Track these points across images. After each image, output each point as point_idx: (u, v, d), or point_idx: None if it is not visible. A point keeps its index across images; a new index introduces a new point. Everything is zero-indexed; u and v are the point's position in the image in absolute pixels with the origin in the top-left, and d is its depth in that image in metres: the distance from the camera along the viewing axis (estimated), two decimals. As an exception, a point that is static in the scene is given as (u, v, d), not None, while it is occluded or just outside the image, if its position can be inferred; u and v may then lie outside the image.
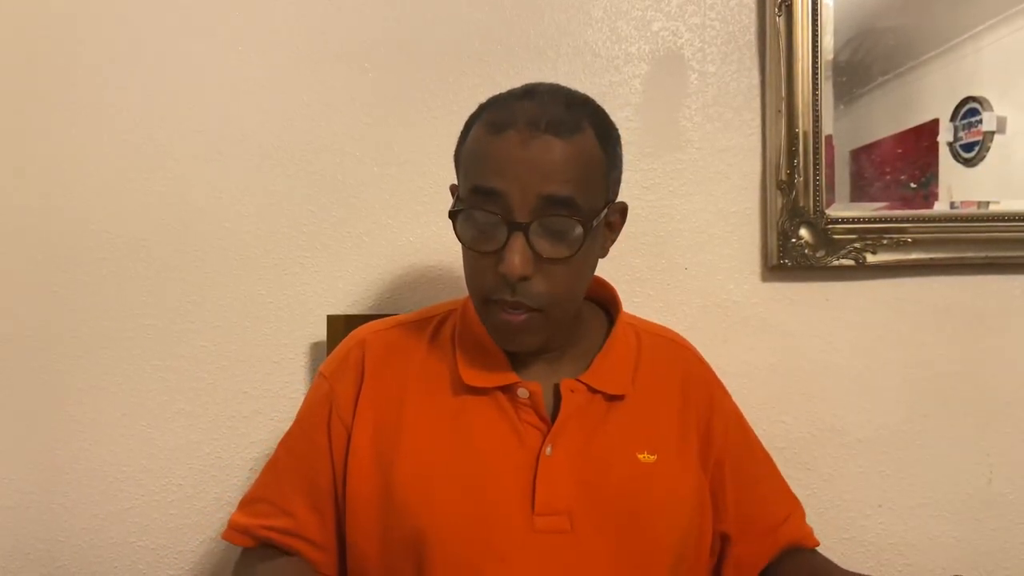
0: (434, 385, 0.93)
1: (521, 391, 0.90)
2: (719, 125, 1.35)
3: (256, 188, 1.29)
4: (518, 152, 0.82)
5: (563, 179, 0.83)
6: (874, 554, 1.37)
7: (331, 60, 1.29)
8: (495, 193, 0.83)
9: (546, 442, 0.89)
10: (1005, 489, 1.39)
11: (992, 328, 1.38)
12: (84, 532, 1.27)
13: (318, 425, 0.94)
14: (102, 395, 1.27)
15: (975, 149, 1.38)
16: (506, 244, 0.82)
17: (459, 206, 0.87)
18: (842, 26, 1.33)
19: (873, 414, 1.37)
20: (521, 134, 0.83)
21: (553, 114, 0.84)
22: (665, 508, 0.91)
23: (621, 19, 1.34)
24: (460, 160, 0.91)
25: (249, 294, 1.29)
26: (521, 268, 0.82)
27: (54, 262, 1.26)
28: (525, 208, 0.82)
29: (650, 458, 0.92)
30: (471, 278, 0.89)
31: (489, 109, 0.89)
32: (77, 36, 1.26)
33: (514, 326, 0.86)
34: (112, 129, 1.27)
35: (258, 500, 0.98)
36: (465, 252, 0.88)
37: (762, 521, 1.00)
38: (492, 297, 0.86)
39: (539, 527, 0.86)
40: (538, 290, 0.84)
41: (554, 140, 0.83)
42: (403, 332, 0.99)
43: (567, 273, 0.86)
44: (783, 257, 1.33)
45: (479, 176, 0.85)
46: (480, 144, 0.86)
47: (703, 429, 0.98)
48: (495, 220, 0.83)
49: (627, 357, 0.97)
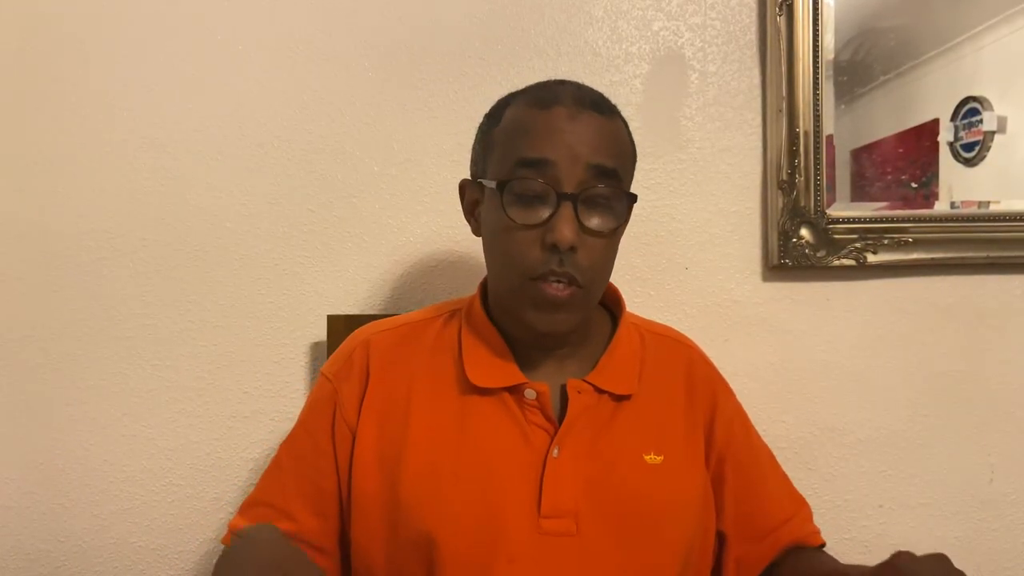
0: (440, 385, 0.93)
1: (528, 392, 0.90)
2: (720, 125, 1.35)
3: (256, 188, 1.29)
4: (567, 124, 0.85)
5: (609, 152, 0.86)
6: (875, 554, 1.36)
7: (331, 59, 1.29)
8: (545, 163, 0.84)
9: (553, 444, 0.88)
10: (1007, 489, 1.38)
11: (993, 328, 1.38)
12: (84, 532, 1.27)
13: (322, 427, 0.94)
14: (102, 395, 1.27)
15: (975, 149, 1.37)
16: (555, 214, 0.83)
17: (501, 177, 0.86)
18: (843, 26, 1.33)
19: (874, 414, 1.37)
20: (568, 109, 0.85)
21: (594, 96, 0.89)
22: (672, 509, 0.90)
23: (622, 19, 1.33)
24: (494, 140, 0.90)
25: (249, 294, 1.29)
26: (571, 236, 0.83)
27: (53, 262, 1.26)
28: (573, 179, 0.84)
29: (657, 459, 0.91)
30: (511, 256, 0.86)
31: (527, 93, 0.91)
32: (75, 36, 1.26)
33: (559, 300, 0.85)
34: (111, 129, 1.26)
35: (258, 504, 0.96)
36: (502, 232, 0.87)
37: (762, 522, 0.99)
38: (537, 272, 0.85)
39: (545, 529, 0.86)
40: (583, 263, 0.85)
41: (599, 116, 0.87)
42: (407, 332, 0.98)
43: (605, 250, 0.87)
44: (784, 257, 1.33)
45: (526, 148, 0.85)
46: (525, 119, 0.87)
47: (707, 427, 0.98)
48: (542, 191, 0.84)
49: (633, 357, 0.97)
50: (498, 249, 0.89)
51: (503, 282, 0.90)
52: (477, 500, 0.86)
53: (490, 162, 0.90)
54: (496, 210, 0.86)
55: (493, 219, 0.88)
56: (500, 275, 0.90)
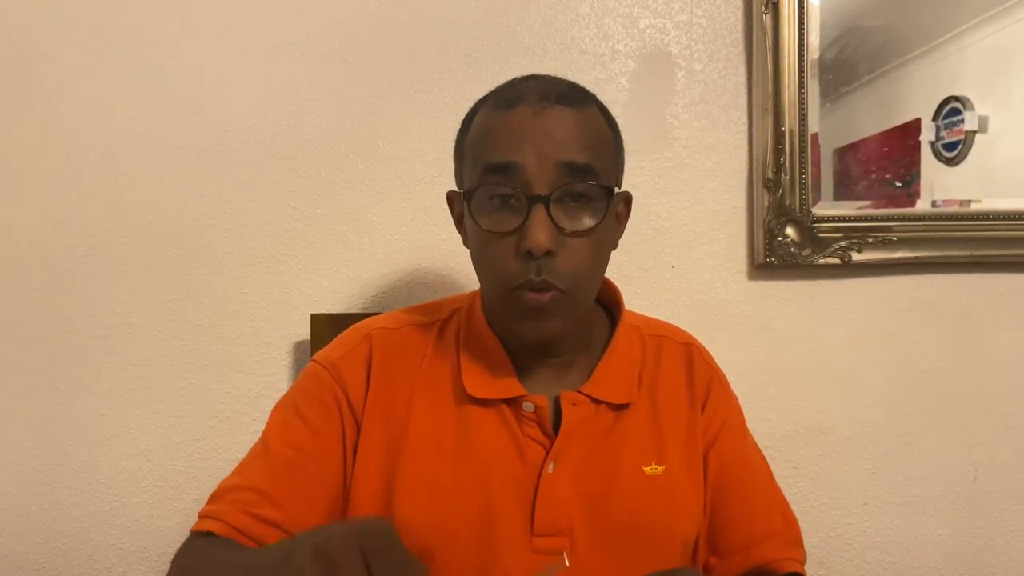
0: (438, 393, 0.89)
1: (526, 405, 0.87)
2: (706, 123, 1.35)
3: (239, 185, 1.27)
4: (532, 123, 0.81)
5: (580, 146, 0.81)
6: (860, 552, 1.37)
7: (316, 56, 1.28)
8: (512, 167, 0.80)
9: (548, 458, 0.86)
10: (990, 487, 1.39)
11: (977, 326, 1.39)
12: (63, 535, 1.25)
13: (323, 417, 0.88)
14: (82, 396, 1.25)
15: (957, 148, 1.38)
16: (527, 219, 0.79)
17: (470, 187, 0.83)
18: (828, 24, 1.34)
19: (859, 412, 1.37)
20: (533, 107, 0.81)
21: (561, 88, 0.84)
22: (670, 523, 0.88)
23: (608, 16, 1.33)
24: (465, 149, 0.87)
25: (231, 292, 1.27)
26: (546, 241, 0.79)
27: (32, 260, 1.24)
28: (544, 180, 0.80)
29: (657, 469, 0.88)
30: (490, 267, 0.83)
31: (493, 95, 0.87)
32: (57, 34, 1.24)
33: (540, 306, 0.81)
34: (91, 126, 1.25)
35: (240, 489, 0.86)
36: (480, 244, 0.84)
37: (737, 535, 0.92)
38: (514, 283, 0.81)
39: (539, 547, 0.84)
40: (562, 268, 0.81)
41: (566, 110, 0.82)
42: (409, 333, 0.94)
43: (588, 251, 0.83)
44: (769, 255, 1.33)
45: (492, 153, 0.81)
46: (489, 123, 0.84)
47: (701, 426, 0.94)
48: (513, 196, 0.80)
49: (631, 362, 0.93)
50: (478, 261, 0.86)
51: (488, 293, 0.88)
52: (474, 517, 0.84)
53: (464, 172, 0.87)
54: (470, 220, 0.83)
55: (471, 230, 0.85)
56: (485, 287, 0.88)
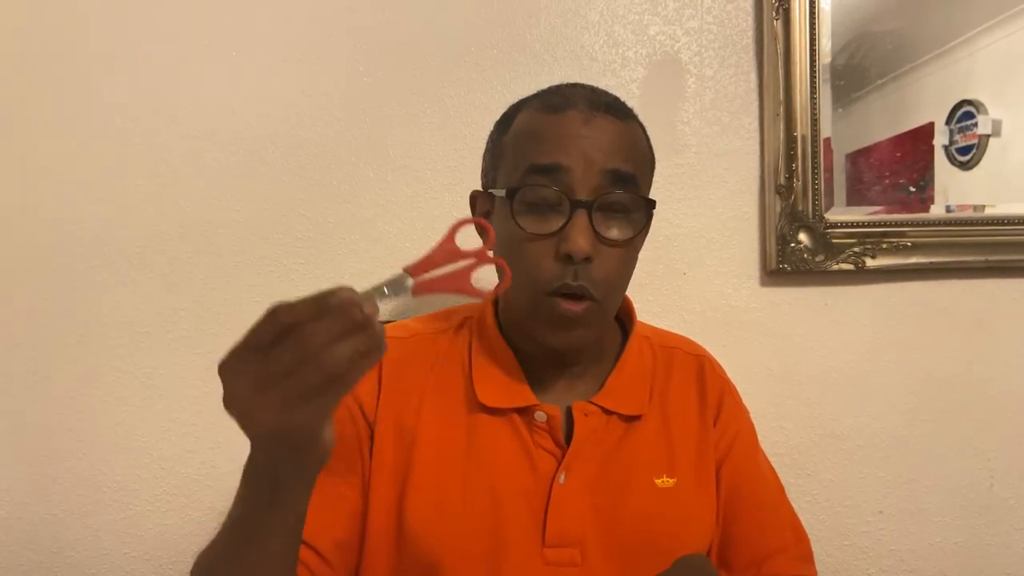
0: (448, 402, 0.89)
1: (539, 415, 0.86)
2: (717, 129, 1.34)
3: (250, 193, 1.27)
4: (581, 129, 0.81)
5: (626, 156, 0.83)
6: (874, 560, 1.36)
7: (327, 64, 1.28)
8: (558, 169, 0.80)
9: (560, 469, 0.85)
10: (1006, 494, 1.38)
11: (992, 332, 1.38)
12: (77, 543, 1.25)
13: (340, 428, 0.83)
14: (96, 405, 1.25)
15: (971, 152, 1.37)
16: (569, 223, 0.79)
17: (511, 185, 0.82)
18: (839, 29, 1.33)
19: (873, 419, 1.36)
20: (582, 113, 0.82)
21: (608, 99, 0.85)
22: (681, 535, 0.87)
23: (618, 23, 1.33)
24: (504, 149, 0.87)
25: (243, 300, 1.27)
26: (586, 246, 0.79)
27: (46, 270, 1.25)
28: (588, 185, 0.80)
29: (669, 482, 0.88)
30: (525, 269, 0.82)
31: (537, 97, 0.87)
32: (65, 38, 1.25)
33: (574, 316, 0.81)
34: (102, 132, 1.25)
35: None
36: (515, 244, 0.82)
37: (748, 550, 0.92)
38: (551, 286, 0.81)
39: (550, 559, 0.83)
40: (598, 276, 0.81)
41: (615, 120, 0.83)
42: (418, 344, 0.93)
43: (622, 261, 0.84)
44: (782, 262, 1.32)
45: (537, 153, 0.82)
46: (535, 124, 0.84)
47: (713, 439, 0.93)
48: (555, 199, 0.80)
49: (643, 373, 0.93)
50: (509, 262, 0.84)
51: (516, 297, 0.86)
52: (484, 528, 0.83)
53: (500, 171, 0.87)
54: (507, 220, 0.83)
55: (504, 230, 0.84)
56: (514, 290, 0.85)
